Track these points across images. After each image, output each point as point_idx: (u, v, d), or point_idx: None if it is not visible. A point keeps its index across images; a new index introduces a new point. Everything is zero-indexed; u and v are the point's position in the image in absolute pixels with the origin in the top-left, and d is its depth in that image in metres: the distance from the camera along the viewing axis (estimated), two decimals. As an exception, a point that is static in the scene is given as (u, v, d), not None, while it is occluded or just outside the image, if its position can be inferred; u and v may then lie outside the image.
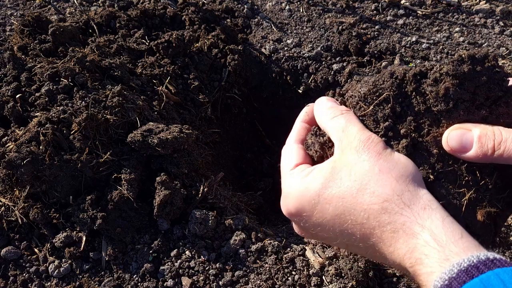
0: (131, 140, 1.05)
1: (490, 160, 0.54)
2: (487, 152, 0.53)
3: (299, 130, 0.71)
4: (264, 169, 1.85)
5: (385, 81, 0.61)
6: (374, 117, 0.61)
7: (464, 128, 0.56)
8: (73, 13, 1.64)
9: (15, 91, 1.15)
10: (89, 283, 1.00)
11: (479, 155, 0.54)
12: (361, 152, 0.57)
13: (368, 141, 0.57)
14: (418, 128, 0.59)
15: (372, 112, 0.61)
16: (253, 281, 0.97)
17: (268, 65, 1.62)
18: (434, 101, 0.57)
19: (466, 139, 0.55)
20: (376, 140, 0.58)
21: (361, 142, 0.57)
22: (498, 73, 0.56)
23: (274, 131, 1.88)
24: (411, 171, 0.55)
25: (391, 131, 0.60)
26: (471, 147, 0.54)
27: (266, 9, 1.76)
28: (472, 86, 0.56)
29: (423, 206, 0.52)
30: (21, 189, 1.01)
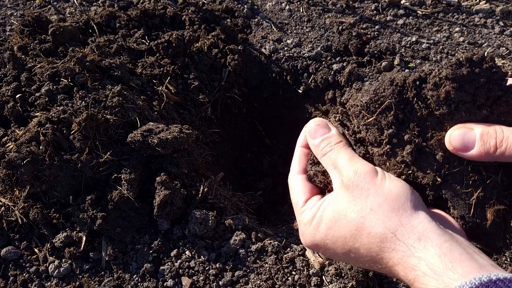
0: (131, 140, 1.05)
1: (493, 159, 0.54)
2: (490, 150, 0.54)
3: (300, 158, 0.73)
4: (264, 169, 1.85)
5: (385, 89, 0.62)
6: (377, 126, 0.62)
7: (466, 127, 0.56)
8: (73, 13, 1.64)
9: (15, 91, 1.15)
10: (89, 283, 1.00)
11: (482, 154, 0.54)
12: (352, 190, 0.59)
13: (356, 176, 0.59)
14: (422, 133, 0.60)
15: (375, 121, 0.62)
16: (253, 281, 0.97)
17: (268, 65, 1.62)
18: (436, 105, 0.58)
19: (468, 138, 0.55)
20: (363, 173, 0.59)
21: (350, 180, 0.60)
22: (496, 73, 0.56)
23: (274, 131, 1.88)
24: (402, 201, 0.56)
25: (395, 138, 0.61)
26: (474, 146, 0.54)
27: (266, 9, 1.76)
28: (471, 88, 0.56)
29: (418, 237, 0.53)
30: (21, 189, 1.01)
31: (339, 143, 0.65)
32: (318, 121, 0.69)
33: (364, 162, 0.61)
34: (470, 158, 0.56)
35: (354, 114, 0.65)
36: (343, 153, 0.63)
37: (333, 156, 0.64)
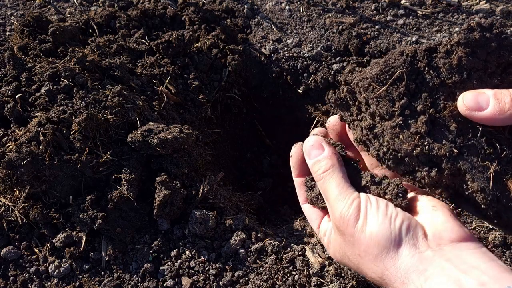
0: (131, 140, 1.05)
1: (509, 120, 0.53)
2: (504, 108, 0.52)
3: (299, 189, 0.78)
4: (264, 169, 1.86)
5: (396, 59, 0.61)
6: (389, 97, 0.61)
7: (479, 91, 0.56)
8: (73, 13, 1.64)
9: (15, 91, 1.15)
10: (89, 283, 1.00)
11: (496, 113, 0.53)
12: (341, 233, 0.64)
13: (340, 222, 0.62)
14: (434, 103, 0.59)
15: (386, 92, 0.61)
16: (253, 281, 0.97)
17: (268, 65, 1.62)
18: (448, 74, 0.57)
19: (482, 98, 0.54)
20: (346, 218, 0.62)
21: (337, 222, 0.64)
22: (506, 39, 0.56)
23: (274, 131, 1.88)
24: (383, 243, 0.58)
25: (407, 109, 0.60)
26: (488, 105, 0.54)
27: (266, 9, 1.76)
28: (484, 53, 0.55)
29: (402, 281, 0.55)
30: (21, 189, 1.01)
31: (329, 170, 0.66)
32: (312, 141, 0.70)
33: (349, 201, 0.62)
34: (485, 119, 0.54)
35: (363, 88, 0.64)
36: (331, 185, 0.65)
37: (323, 188, 0.67)
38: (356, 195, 0.63)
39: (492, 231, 1.08)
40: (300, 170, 0.77)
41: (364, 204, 0.61)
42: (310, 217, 0.77)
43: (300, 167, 0.77)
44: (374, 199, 0.62)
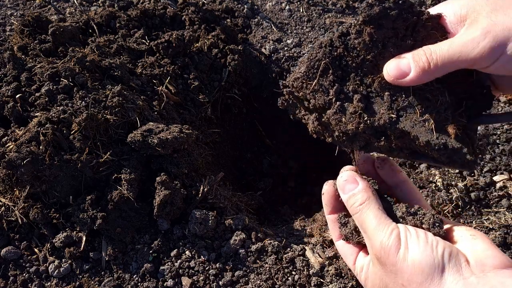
0: (131, 140, 1.05)
1: (432, 75, 0.57)
2: (425, 67, 0.56)
3: (332, 227, 0.78)
4: (264, 169, 1.85)
5: (317, 53, 0.65)
6: (322, 88, 0.66)
7: (399, 57, 0.60)
8: (73, 13, 1.64)
9: (15, 91, 1.15)
10: (89, 283, 1.00)
11: (419, 73, 0.57)
12: (382, 264, 0.63)
13: (381, 252, 0.62)
14: (363, 81, 0.63)
15: (318, 84, 0.66)
16: (253, 281, 0.97)
17: (268, 65, 1.62)
18: (365, 50, 0.62)
19: (403, 63, 0.58)
20: (387, 248, 0.61)
21: (378, 253, 0.63)
22: (405, 3, 0.60)
23: (274, 131, 1.88)
24: (427, 271, 0.58)
25: (341, 93, 0.64)
26: (410, 69, 0.57)
27: (266, 9, 1.76)
28: (389, 22, 0.60)
29: None
30: (21, 189, 1.01)
31: (365, 202, 0.67)
32: (345, 176, 0.72)
33: (388, 231, 0.63)
34: (411, 82, 0.58)
35: (298, 87, 0.68)
36: (369, 217, 0.66)
37: (360, 220, 0.67)
38: (394, 225, 0.63)
39: (492, 231, 1.08)
40: (333, 207, 0.78)
41: (403, 233, 0.62)
42: (344, 254, 0.77)
43: (333, 204, 0.78)
44: (413, 228, 0.63)
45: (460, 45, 0.55)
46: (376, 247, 0.63)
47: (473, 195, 1.15)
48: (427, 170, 1.24)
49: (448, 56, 0.55)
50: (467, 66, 0.56)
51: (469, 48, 0.54)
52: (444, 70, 0.57)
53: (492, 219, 1.11)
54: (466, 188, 1.17)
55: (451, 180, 1.19)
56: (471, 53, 0.54)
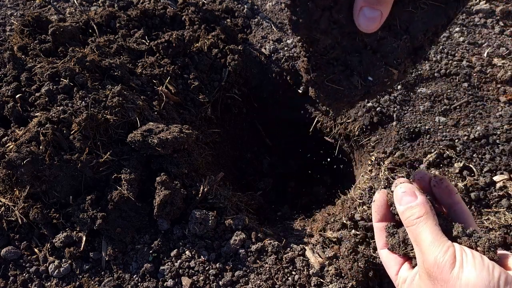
0: (131, 140, 1.05)
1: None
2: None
3: (378, 234, 0.79)
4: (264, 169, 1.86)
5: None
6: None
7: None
8: (73, 13, 1.64)
9: (15, 91, 1.15)
10: (89, 283, 1.00)
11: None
12: (433, 279, 0.63)
13: (434, 267, 0.62)
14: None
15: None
16: (253, 281, 0.97)
17: (268, 65, 1.62)
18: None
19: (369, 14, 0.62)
20: (441, 265, 0.61)
21: (430, 267, 0.63)
22: None
23: (274, 131, 1.88)
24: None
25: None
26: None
27: (266, 9, 1.76)
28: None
29: None
30: (21, 189, 1.01)
31: (422, 216, 0.67)
32: (404, 187, 0.71)
33: (444, 248, 0.63)
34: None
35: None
36: (425, 231, 0.66)
37: (415, 233, 0.67)
38: (450, 243, 0.64)
39: (492, 231, 1.08)
40: (382, 216, 0.78)
41: (459, 252, 0.62)
42: (388, 263, 0.76)
43: (382, 213, 0.78)
44: (468, 249, 0.63)
45: None
46: (430, 262, 0.63)
47: (473, 195, 1.15)
48: (427, 170, 1.24)
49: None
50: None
51: None
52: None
53: (492, 219, 1.11)
54: (466, 188, 1.17)
55: (451, 180, 1.19)
56: None
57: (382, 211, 0.77)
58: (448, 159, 1.25)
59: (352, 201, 1.21)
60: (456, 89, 1.46)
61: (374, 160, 1.31)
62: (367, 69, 0.70)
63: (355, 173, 1.56)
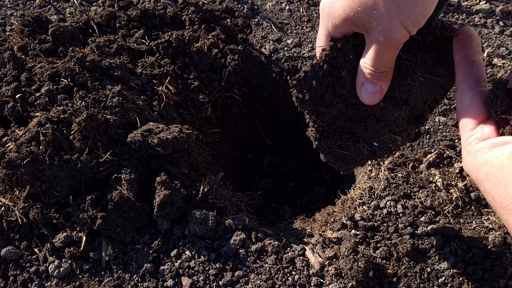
0: (131, 140, 1.05)
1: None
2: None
3: (466, 70, 0.62)
4: (264, 169, 1.85)
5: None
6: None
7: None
8: (73, 13, 1.64)
9: (15, 91, 1.15)
10: (89, 283, 1.00)
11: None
12: None
13: None
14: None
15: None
16: (253, 281, 0.97)
17: (268, 65, 1.62)
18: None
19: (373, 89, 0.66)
20: None
21: None
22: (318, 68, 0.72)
23: (274, 131, 1.88)
24: None
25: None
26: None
27: (266, 9, 1.76)
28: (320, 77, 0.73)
29: None
30: (21, 189, 1.01)
31: None
32: None
33: None
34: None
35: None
36: None
37: None
38: None
39: (492, 231, 1.08)
40: (468, 49, 0.62)
41: None
42: (469, 109, 0.60)
43: (470, 45, 0.62)
44: None
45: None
46: None
47: (473, 195, 1.15)
48: (427, 170, 1.24)
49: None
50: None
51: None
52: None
53: (492, 219, 1.11)
54: (466, 188, 1.17)
55: (451, 180, 1.19)
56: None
57: (469, 43, 0.62)
58: (448, 159, 1.25)
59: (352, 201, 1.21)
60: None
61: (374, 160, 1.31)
62: (372, 136, 0.74)
63: (355, 173, 1.56)
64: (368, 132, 0.73)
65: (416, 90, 0.67)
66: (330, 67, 0.68)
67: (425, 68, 0.66)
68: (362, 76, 0.64)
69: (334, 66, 0.68)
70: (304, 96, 0.71)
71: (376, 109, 0.70)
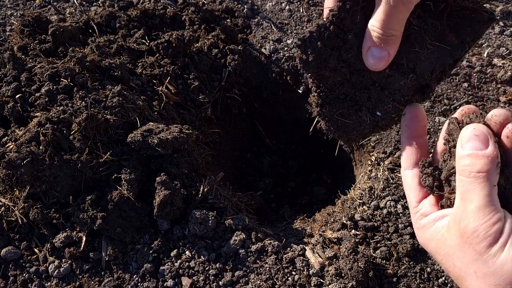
0: (131, 140, 1.05)
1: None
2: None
3: (408, 152, 0.69)
4: (264, 169, 1.86)
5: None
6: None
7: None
8: (73, 13, 1.64)
9: (15, 91, 1.15)
10: (89, 283, 1.00)
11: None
12: (465, 241, 0.56)
13: (473, 235, 0.55)
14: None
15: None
16: (253, 281, 0.97)
17: (268, 65, 1.62)
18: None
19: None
20: (481, 236, 0.54)
21: (467, 231, 0.56)
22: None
23: (274, 131, 1.88)
24: (510, 280, 0.52)
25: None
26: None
27: (266, 9, 1.76)
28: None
29: None
30: (21, 189, 1.01)
31: (484, 173, 0.56)
32: (479, 129, 0.59)
33: (493, 219, 0.55)
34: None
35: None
36: (477, 191, 0.56)
37: (466, 188, 0.57)
38: (501, 216, 0.55)
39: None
40: (413, 130, 0.68)
41: (508, 231, 0.54)
42: (410, 187, 0.67)
43: (414, 127, 0.68)
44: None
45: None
46: (469, 227, 0.55)
47: (473, 195, 1.15)
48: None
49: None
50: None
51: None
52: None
53: (492, 219, 1.11)
54: (466, 188, 1.16)
55: (451, 180, 1.19)
56: None
57: (414, 125, 0.68)
58: (448, 159, 1.25)
59: (352, 201, 1.21)
60: (456, 89, 1.46)
61: (374, 160, 1.31)
62: (375, 104, 0.71)
63: (355, 173, 1.56)
64: (372, 101, 0.71)
65: (424, 58, 0.66)
66: (337, 29, 0.65)
67: (435, 35, 0.65)
68: (369, 39, 0.63)
69: (341, 28, 0.65)
70: (307, 58, 0.68)
71: (381, 76, 0.68)
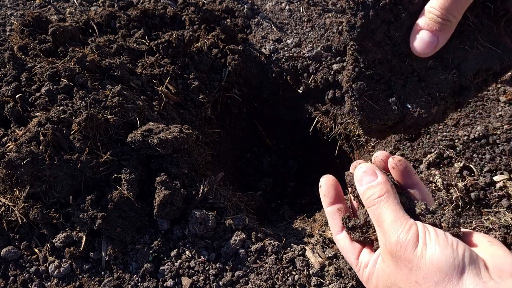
0: (131, 140, 1.05)
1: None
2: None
3: (333, 218, 0.77)
4: (264, 169, 1.86)
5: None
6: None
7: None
8: (73, 13, 1.64)
9: (15, 91, 1.15)
10: (89, 283, 1.00)
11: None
12: (396, 259, 0.61)
13: (397, 247, 0.60)
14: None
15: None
16: (253, 281, 0.97)
17: (268, 65, 1.62)
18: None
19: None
20: (404, 244, 0.60)
21: (392, 248, 0.61)
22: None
23: (274, 131, 1.88)
24: (446, 271, 0.56)
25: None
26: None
27: (266, 9, 1.76)
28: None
29: None
30: (21, 189, 1.01)
31: (383, 195, 0.65)
32: (364, 167, 0.69)
33: (407, 227, 0.61)
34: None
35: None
36: (386, 211, 0.64)
37: (377, 213, 0.65)
38: (412, 222, 0.62)
39: (492, 231, 1.08)
40: (332, 198, 0.77)
41: (422, 230, 0.61)
42: (346, 248, 0.75)
43: (332, 194, 0.76)
44: (431, 227, 0.62)
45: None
46: (392, 242, 0.61)
47: (473, 195, 1.15)
48: (427, 170, 1.24)
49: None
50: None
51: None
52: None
53: (492, 219, 1.11)
54: (466, 188, 1.17)
55: (451, 180, 1.19)
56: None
57: (330, 192, 0.76)
58: (448, 159, 1.25)
59: (352, 201, 1.21)
60: (456, 89, 1.46)
61: (374, 160, 1.31)
62: (408, 95, 0.70)
63: (355, 173, 1.56)
64: (406, 90, 0.69)
65: (472, 57, 0.65)
66: (393, 3, 0.64)
67: (489, 37, 0.64)
68: (422, 21, 0.62)
69: (397, 3, 0.64)
70: (356, 23, 0.67)
71: (423, 66, 0.67)
